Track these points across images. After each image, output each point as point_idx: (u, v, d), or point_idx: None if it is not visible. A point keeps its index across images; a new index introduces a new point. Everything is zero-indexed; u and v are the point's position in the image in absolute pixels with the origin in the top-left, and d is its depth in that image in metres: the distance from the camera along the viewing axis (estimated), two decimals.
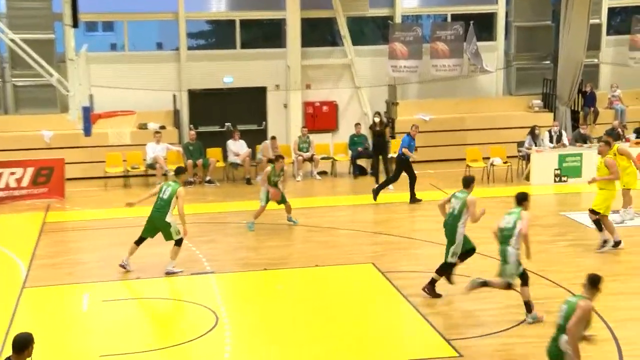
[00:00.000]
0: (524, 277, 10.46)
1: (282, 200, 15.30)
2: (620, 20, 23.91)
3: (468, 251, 11.48)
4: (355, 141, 20.59)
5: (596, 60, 23.04)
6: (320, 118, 22.30)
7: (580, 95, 22.32)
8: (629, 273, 12.21)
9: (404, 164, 17.38)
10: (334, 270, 12.80)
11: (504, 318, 10.47)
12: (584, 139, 19.76)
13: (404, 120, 21.69)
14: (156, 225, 12.44)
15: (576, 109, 22.31)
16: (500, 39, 23.12)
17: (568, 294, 11.19)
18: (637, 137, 19.92)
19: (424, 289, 11.42)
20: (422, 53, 22.02)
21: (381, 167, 19.13)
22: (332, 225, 15.59)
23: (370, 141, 20.25)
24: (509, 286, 10.57)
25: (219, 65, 21.82)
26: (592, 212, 13.55)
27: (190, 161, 19.59)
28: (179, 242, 12.46)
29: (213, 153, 20.28)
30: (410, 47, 21.83)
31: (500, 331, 10.09)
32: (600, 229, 13.53)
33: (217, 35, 23.55)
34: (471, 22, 21.91)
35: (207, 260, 13.25)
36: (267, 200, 15.14)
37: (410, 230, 15.18)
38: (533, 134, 19.54)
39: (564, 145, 19.38)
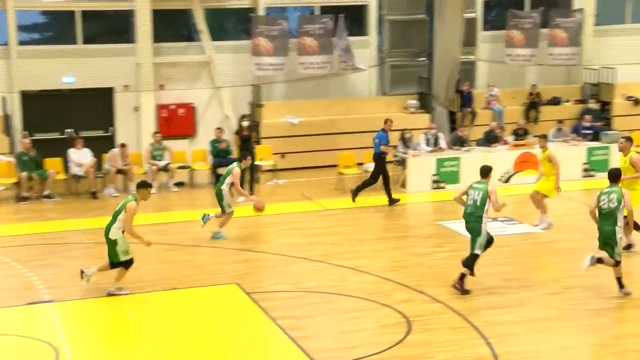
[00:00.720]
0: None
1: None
2: (496, 15, 25.02)
3: (488, 241, 12.55)
4: (216, 147, 20.57)
5: (472, 57, 23.97)
6: (176, 122, 22.17)
7: (458, 94, 23.15)
8: (506, 285, 12.80)
9: (382, 163, 18.03)
10: (194, 292, 12.77)
11: (380, 339, 10.76)
12: (461, 142, 20.55)
13: (270, 123, 21.88)
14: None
15: (454, 109, 23.12)
16: (373, 33, 23.71)
17: (447, 309, 11.67)
18: (515, 139, 20.89)
19: (454, 286, 12.32)
20: (289, 49, 22.31)
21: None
22: (192, 242, 15.54)
23: (232, 147, 20.33)
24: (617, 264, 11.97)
25: (58, 62, 21.33)
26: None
27: (24, 173, 19.03)
28: (126, 265, 12.49)
29: (52, 164, 19.77)
30: (276, 42, 22.08)
31: (375, 354, 10.36)
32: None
33: (54, 29, 23.00)
34: (341, 15, 22.38)
35: (45, 287, 12.92)
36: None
37: (277, 246, 15.33)
38: (403, 138, 20.12)
39: (441, 149, 20.09)
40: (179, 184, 20.44)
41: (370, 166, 19.98)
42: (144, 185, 12.75)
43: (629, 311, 11.74)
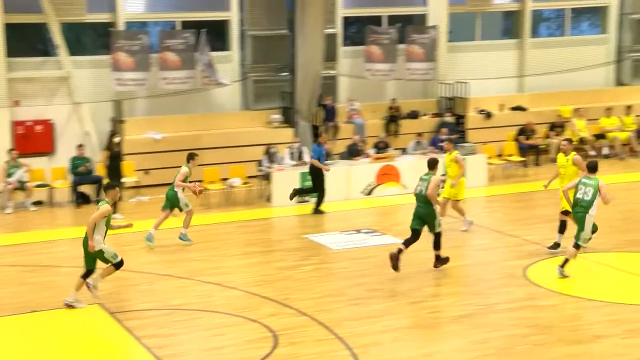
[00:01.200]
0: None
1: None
2: (355, 31, 25.50)
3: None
4: (77, 164, 20.01)
5: (334, 72, 24.35)
6: (34, 139, 21.45)
7: (321, 109, 23.43)
8: (370, 296, 13.02)
9: (319, 174, 18.70)
10: (54, 315, 12.37)
11: (246, 355, 10.72)
12: (325, 156, 20.80)
13: (132, 139, 21.48)
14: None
15: (317, 123, 23.38)
16: (235, 49, 23.70)
17: (313, 322, 11.75)
18: (377, 152, 21.31)
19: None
20: (150, 64, 22.00)
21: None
22: (51, 263, 15.06)
23: (93, 163, 19.85)
24: None
25: None
26: (564, 213, 14.94)
27: None
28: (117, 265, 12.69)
29: None
30: (136, 57, 21.73)
31: None
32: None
33: None
34: (203, 30, 22.26)
35: None
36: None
37: (142, 264, 15.05)
38: (269, 153, 20.21)
39: (305, 163, 20.26)
40: (37, 203, 19.76)
41: (235, 181, 20.01)
42: (110, 187, 12.92)
43: (488, 316, 12.15)
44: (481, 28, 25.90)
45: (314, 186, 18.95)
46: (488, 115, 24.65)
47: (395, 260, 13.69)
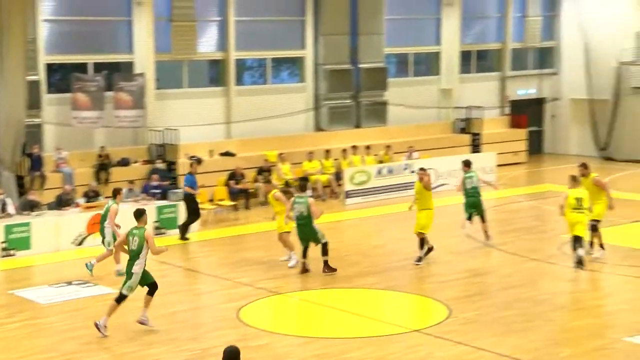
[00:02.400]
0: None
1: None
2: (60, 78, 24.77)
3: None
4: None
5: (38, 120, 23.45)
6: None
7: (26, 158, 22.43)
8: (84, 349, 12.61)
9: (193, 202, 20.26)
10: None
11: None
12: (32, 207, 19.94)
13: None
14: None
15: (22, 173, 22.36)
16: None
17: None
18: (87, 201, 20.75)
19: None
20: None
21: None
22: None
23: None
24: None
25: None
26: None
27: None
28: (120, 299, 13.08)
29: None
30: None
31: None
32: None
33: None
34: None
35: None
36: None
37: None
38: None
39: (10, 215, 19.28)
40: None
41: None
42: (141, 214, 13.49)
43: None
44: (188, 76, 26.23)
45: (189, 213, 20.33)
46: (198, 161, 24.93)
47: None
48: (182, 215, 20.71)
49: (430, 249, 17.56)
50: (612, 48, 30.94)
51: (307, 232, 16.48)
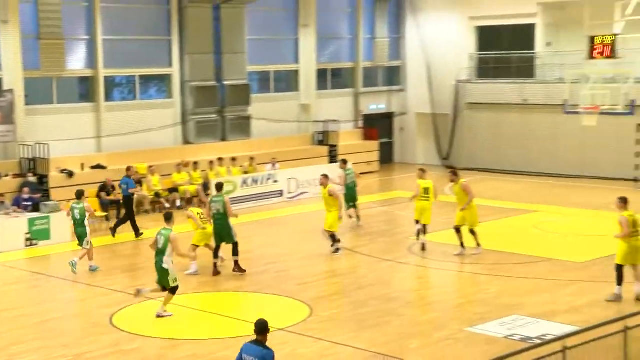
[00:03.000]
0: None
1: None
2: None
3: None
4: None
5: None
6: None
7: None
8: None
9: (131, 203, 21.17)
10: None
11: None
12: None
13: None
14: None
15: None
16: None
17: None
18: None
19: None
20: None
21: None
22: None
23: None
24: None
25: None
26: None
27: None
28: (173, 290, 13.96)
29: None
30: None
31: None
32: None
33: None
34: None
35: None
36: None
37: None
38: None
39: None
40: None
41: None
42: (170, 217, 14.27)
43: None
44: (58, 92, 25.43)
45: (127, 212, 21.11)
46: (70, 174, 24.22)
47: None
48: (54, 226, 20.13)
49: (337, 241, 18.50)
50: (451, 68, 32.20)
51: (222, 229, 16.69)
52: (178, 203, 24.74)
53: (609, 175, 27.82)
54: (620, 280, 14.40)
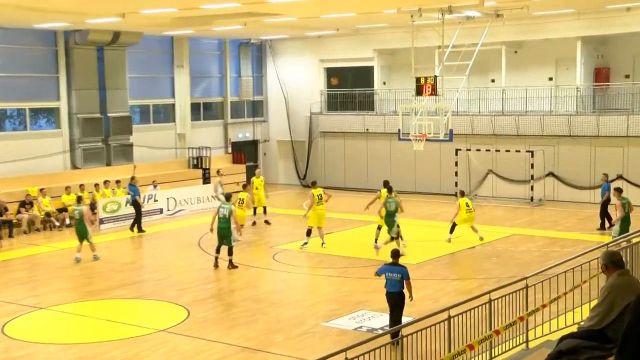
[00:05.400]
0: None
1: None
2: None
3: None
4: None
5: None
6: None
7: None
8: None
9: (139, 207, 22.58)
10: None
11: None
12: None
13: None
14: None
15: None
16: None
17: None
18: None
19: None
20: None
21: None
22: None
23: None
24: None
25: None
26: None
27: None
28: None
29: None
30: None
31: None
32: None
33: None
34: None
35: None
36: None
37: None
38: None
39: None
40: None
41: None
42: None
43: None
44: None
45: (137, 214, 22.54)
46: None
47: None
48: None
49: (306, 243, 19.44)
50: (305, 102, 32.58)
51: (225, 231, 17.25)
52: (67, 222, 23.62)
53: (435, 190, 28.95)
54: None
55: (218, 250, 17.63)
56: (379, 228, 19.31)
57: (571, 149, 26.23)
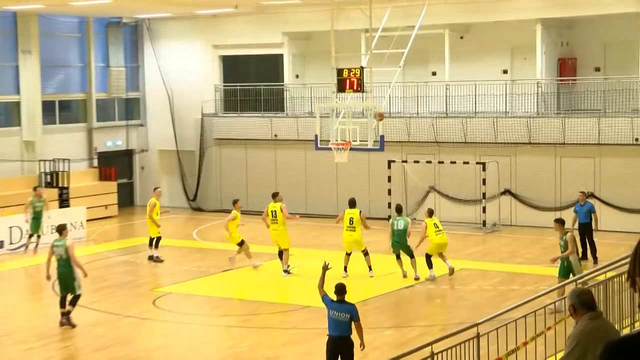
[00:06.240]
0: None
1: None
2: None
3: None
4: None
5: None
6: None
7: None
8: None
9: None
10: None
11: None
12: None
13: None
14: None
15: None
16: None
17: None
18: None
19: None
20: None
21: None
22: None
23: None
24: None
25: None
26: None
27: None
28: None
29: None
30: None
31: None
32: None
33: None
34: None
35: None
36: None
37: None
38: None
39: None
40: None
41: None
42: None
43: None
44: None
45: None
46: None
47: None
48: None
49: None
50: (195, 100, 32.30)
51: (65, 277, 16.60)
52: None
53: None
54: None
55: (63, 304, 16.67)
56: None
57: (531, 160, 27.05)
